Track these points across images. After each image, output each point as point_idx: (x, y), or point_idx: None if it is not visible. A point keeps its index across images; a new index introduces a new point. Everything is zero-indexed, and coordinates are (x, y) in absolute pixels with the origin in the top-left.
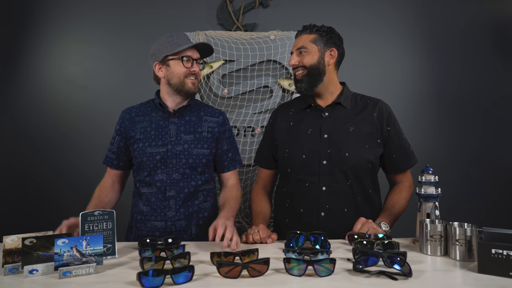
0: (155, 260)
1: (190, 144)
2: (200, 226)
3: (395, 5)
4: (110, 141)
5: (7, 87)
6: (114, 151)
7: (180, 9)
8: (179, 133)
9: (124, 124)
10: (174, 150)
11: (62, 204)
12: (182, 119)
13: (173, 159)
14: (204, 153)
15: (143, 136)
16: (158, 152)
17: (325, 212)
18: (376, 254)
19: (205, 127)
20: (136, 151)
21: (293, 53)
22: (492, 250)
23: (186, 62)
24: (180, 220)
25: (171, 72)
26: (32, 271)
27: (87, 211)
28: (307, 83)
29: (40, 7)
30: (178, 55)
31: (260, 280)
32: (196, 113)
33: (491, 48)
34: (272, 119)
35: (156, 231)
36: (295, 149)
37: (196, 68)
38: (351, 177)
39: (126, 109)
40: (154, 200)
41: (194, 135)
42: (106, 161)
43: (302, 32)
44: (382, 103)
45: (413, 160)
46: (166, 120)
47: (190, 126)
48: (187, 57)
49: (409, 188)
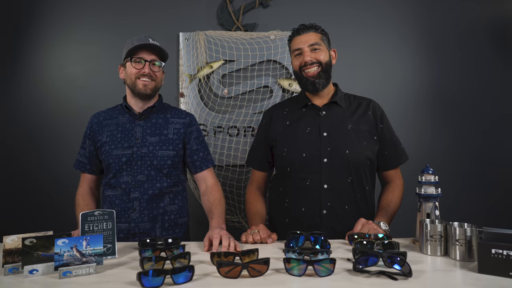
0: (155, 260)
1: (155, 146)
2: (165, 229)
3: (395, 5)
4: (80, 146)
5: (7, 87)
6: (86, 155)
7: (180, 9)
8: (144, 135)
9: (92, 128)
10: (139, 152)
11: (62, 204)
12: (148, 121)
13: (138, 161)
14: (169, 154)
15: (109, 139)
16: (124, 154)
17: (327, 209)
18: (376, 254)
19: (170, 129)
20: (103, 154)
21: (302, 49)
22: (492, 250)
23: (136, 63)
24: (144, 222)
25: (126, 74)
26: (32, 271)
27: (87, 211)
28: (325, 79)
29: (40, 7)
30: (131, 57)
31: (260, 280)
32: (162, 115)
33: (491, 48)
34: (266, 120)
35: (120, 233)
36: (294, 148)
37: (146, 69)
38: (352, 174)
39: (95, 113)
40: (118, 202)
41: (159, 137)
42: (78, 166)
43: (309, 29)
44: (374, 103)
45: (404, 157)
46: (132, 123)
47: (156, 129)
48: (138, 58)
49: (401, 187)
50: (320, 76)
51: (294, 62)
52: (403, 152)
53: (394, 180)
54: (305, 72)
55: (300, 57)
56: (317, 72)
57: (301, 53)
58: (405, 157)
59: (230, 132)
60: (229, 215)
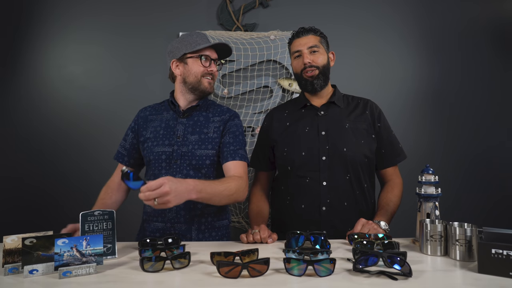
0: (155, 260)
1: (195, 145)
2: (202, 231)
3: (395, 5)
4: (123, 137)
5: (7, 87)
6: (127, 147)
7: (180, 9)
8: (186, 134)
9: (138, 122)
10: (179, 151)
11: (62, 204)
12: (191, 119)
13: (178, 160)
14: (208, 154)
15: (152, 135)
16: (164, 152)
17: (326, 206)
18: (376, 254)
19: (211, 127)
20: (145, 150)
21: (301, 51)
22: (492, 250)
23: (204, 61)
24: (180, 223)
25: (188, 70)
26: (32, 271)
27: (87, 211)
28: (323, 80)
29: (40, 7)
30: (197, 54)
31: (260, 280)
32: (204, 113)
33: (491, 48)
34: (267, 122)
35: (157, 232)
36: (294, 148)
37: (213, 68)
38: (350, 171)
39: (143, 108)
40: None
41: (199, 135)
42: (117, 156)
43: (308, 32)
44: (372, 102)
45: (402, 156)
46: (175, 120)
47: (197, 127)
48: (206, 56)
49: (400, 186)
50: (319, 77)
51: (294, 64)
52: (401, 151)
53: (393, 179)
54: (305, 73)
55: (300, 59)
56: (315, 73)
57: (301, 55)
58: (403, 155)
59: None
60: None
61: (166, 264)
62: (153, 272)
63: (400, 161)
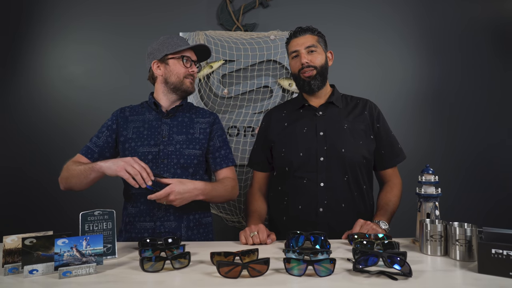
0: (155, 260)
1: (182, 145)
2: (191, 228)
3: (395, 5)
4: (95, 134)
5: (7, 87)
6: (99, 144)
7: (180, 9)
8: (171, 134)
9: (118, 121)
10: (166, 150)
11: (62, 204)
12: (175, 119)
13: (165, 159)
14: (195, 153)
15: (135, 135)
16: (150, 152)
17: (324, 207)
18: (376, 254)
19: (196, 128)
20: (127, 150)
21: (299, 51)
22: (492, 250)
23: (185, 62)
24: (169, 221)
25: (170, 71)
26: (32, 271)
27: (87, 211)
28: (320, 81)
29: (40, 7)
30: (178, 55)
31: (260, 280)
32: (188, 114)
33: (491, 48)
34: (265, 122)
35: (145, 233)
36: (292, 148)
37: (194, 69)
38: (348, 172)
39: (119, 108)
40: (143, 200)
41: (186, 135)
42: (84, 151)
43: (306, 32)
44: (371, 103)
45: (401, 156)
46: (159, 121)
47: (182, 127)
48: (187, 58)
49: (399, 186)
50: (316, 78)
51: (292, 64)
52: (400, 152)
53: (392, 179)
54: (302, 74)
55: (297, 59)
56: (313, 74)
57: (298, 55)
58: (402, 156)
59: (230, 132)
60: (229, 215)
61: (166, 264)
62: (153, 272)
63: (399, 162)
